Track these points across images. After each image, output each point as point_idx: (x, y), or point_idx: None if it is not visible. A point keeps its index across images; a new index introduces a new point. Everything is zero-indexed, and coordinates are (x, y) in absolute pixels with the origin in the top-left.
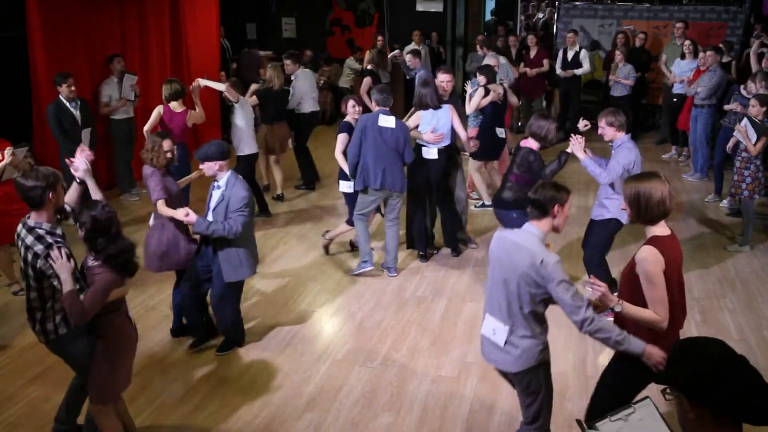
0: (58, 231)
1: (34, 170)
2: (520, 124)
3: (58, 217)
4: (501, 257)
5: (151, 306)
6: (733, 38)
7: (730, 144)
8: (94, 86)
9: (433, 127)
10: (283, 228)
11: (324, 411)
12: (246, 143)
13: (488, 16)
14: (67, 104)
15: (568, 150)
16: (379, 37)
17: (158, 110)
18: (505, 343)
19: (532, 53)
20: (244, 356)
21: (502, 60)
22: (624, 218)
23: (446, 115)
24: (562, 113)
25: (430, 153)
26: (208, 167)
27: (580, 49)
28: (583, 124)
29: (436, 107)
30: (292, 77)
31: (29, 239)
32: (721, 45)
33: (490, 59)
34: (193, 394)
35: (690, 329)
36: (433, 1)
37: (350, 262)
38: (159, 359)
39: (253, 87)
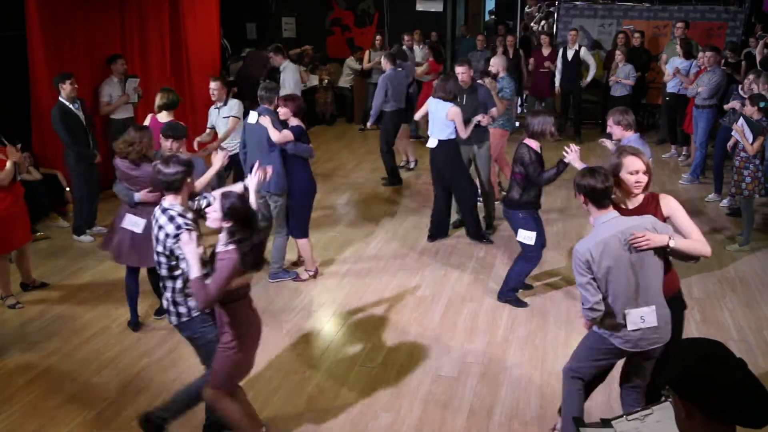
0: (189, 215)
1: (175, 157)
2: (518, 124)
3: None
4: (622, 255)
5: (152, 305)
6: (733, 38)
7: (731, 143)
8: (94, 86)
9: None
10: None
11: (324, 411)
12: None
13: (488, 16)
14: (70, 105)
15: (566, 161)
16: (378, 37)
17: (146, 120)
18: (658, 318)
19: (546, 52)
20: None
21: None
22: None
23: (444, 109)
24: (563, 114)
25: (431, 143)
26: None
27: (580, 48)
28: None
29: (445, 99)
30: (280, 69)
31: (163, 219)
32: (726, 48)
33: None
34: None
35: (690, 329)
36: (433, 1)
37: (349, 261)
38: (158, 359)
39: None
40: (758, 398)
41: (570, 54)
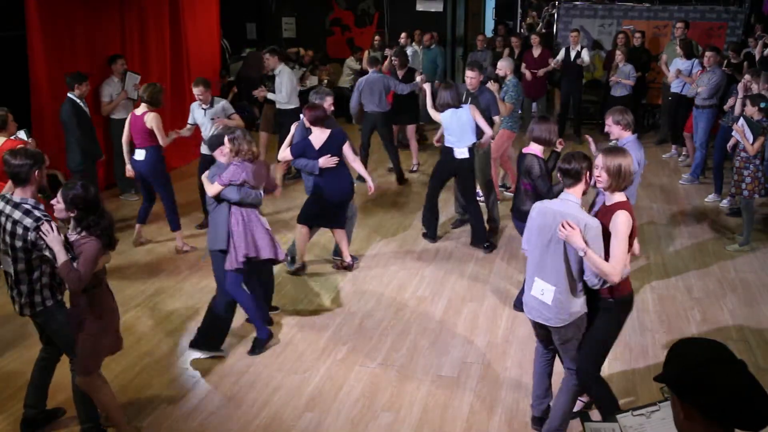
0: (41, 207)
1: (22, 149)
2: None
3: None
4: (546, 226)
5: (152, 305)
6: (733, 38)
7: (731, 143)
8: (94, 86)
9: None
10: (282, 227)
11: (324, 411)
12: None
13: (488, 16)
14: (80, 102)
15: None
16: (377, 37)
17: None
18: (552, 300)
19: (536, 53)
20: (243, 356)
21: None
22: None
23: (467, 113)
24: (563, 114)
25: (462, 153)
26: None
27: (582, 48)
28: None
29: (457, 106)
30: (276, 72)
31: (17, 214)
32: (728, 48)
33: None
34: (192, 395)
35: (690, 329)
36: (433, 1)
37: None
38: (159, 359)
39: None
40: (758, 401)
41: (572, 54)
